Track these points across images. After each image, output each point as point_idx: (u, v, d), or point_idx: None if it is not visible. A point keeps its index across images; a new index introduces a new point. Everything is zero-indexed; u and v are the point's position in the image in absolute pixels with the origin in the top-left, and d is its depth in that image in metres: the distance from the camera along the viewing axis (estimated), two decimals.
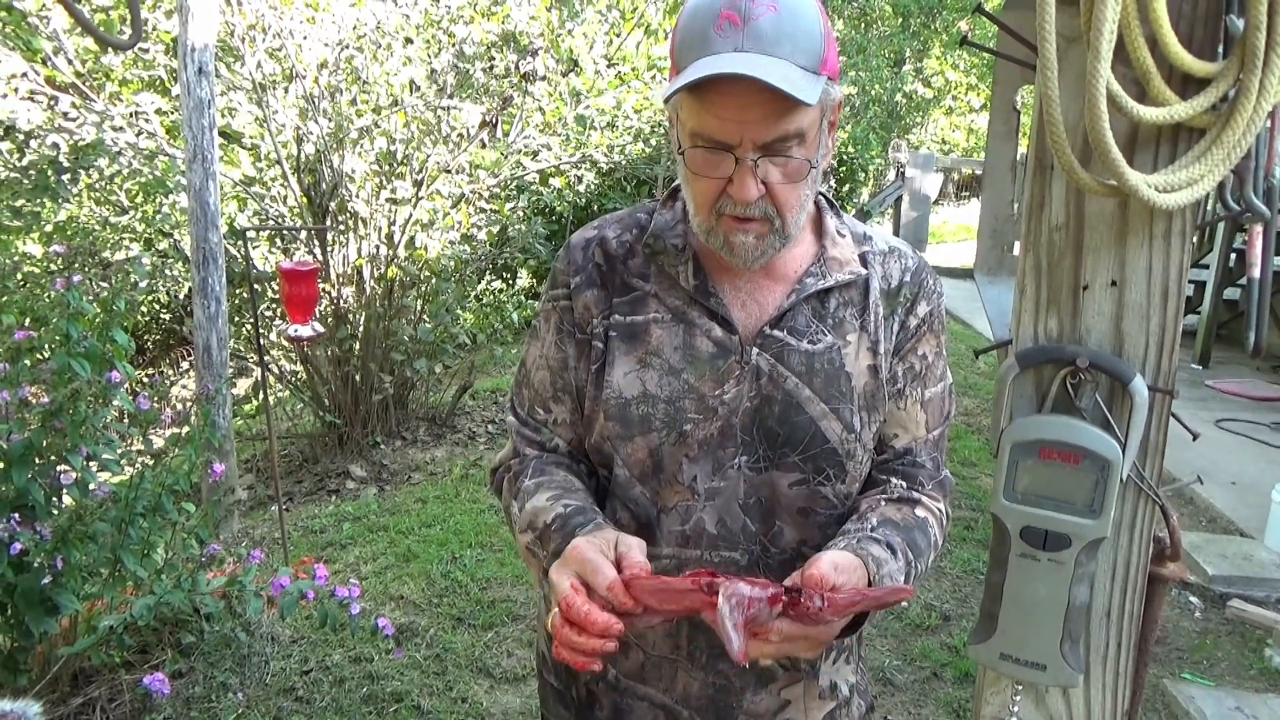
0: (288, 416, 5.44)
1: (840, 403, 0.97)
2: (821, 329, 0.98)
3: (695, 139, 0.88)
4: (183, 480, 2.35)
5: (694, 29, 0.86)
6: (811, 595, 0.79)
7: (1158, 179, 0.84)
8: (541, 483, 1.01)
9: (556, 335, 1.05)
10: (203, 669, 2.60)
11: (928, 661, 2.91)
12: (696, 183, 0.91)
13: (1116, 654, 0.98)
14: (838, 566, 0.84)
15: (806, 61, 0.84)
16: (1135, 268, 0.92)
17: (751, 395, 0.97)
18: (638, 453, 0.98)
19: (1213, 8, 0.85)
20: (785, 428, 0.96)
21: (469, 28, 4.83)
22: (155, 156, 4.68)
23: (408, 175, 4.85)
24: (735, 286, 1.00)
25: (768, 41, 0.82)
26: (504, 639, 2.98)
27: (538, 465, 1.04)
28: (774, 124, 0.84)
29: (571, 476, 1.03)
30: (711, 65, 0.82)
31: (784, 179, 0.88)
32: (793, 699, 1.05)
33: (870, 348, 0.99)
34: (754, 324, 0.98)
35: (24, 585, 2.07)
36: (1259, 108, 0.81)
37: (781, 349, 0.97)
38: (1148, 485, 0.94)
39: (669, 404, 0.97)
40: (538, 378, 1.07)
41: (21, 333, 2.34)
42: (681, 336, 0.98)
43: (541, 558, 0.95)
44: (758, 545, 0.98)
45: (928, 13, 15.45)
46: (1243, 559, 3.51)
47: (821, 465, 0.97)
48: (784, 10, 0.83)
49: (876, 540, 0.92)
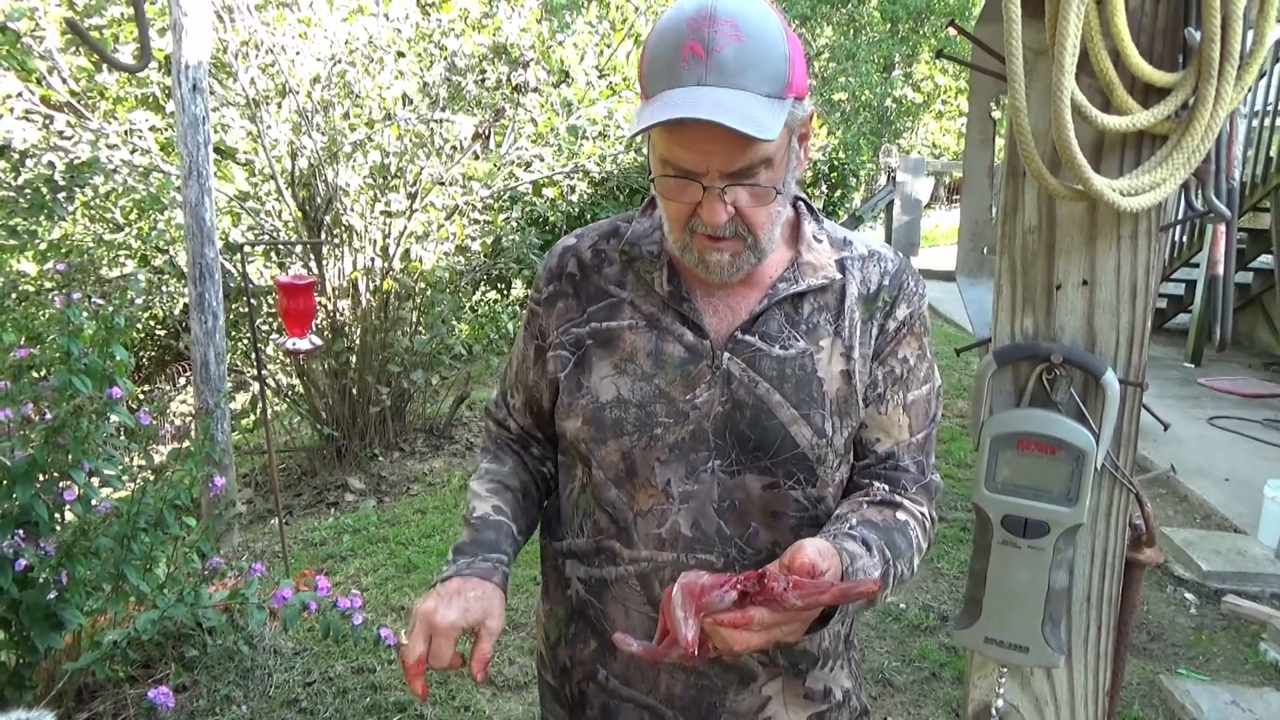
0: (286, 430, 5.46)
1: (811, 408, 0.98)
2: (794, 334, 1.00)
3: (665, 166, 0.91)
4: (184, 495, 2.36)
5: (660, 58, 0.87)
6: (776, 577, 0.80)
7: (1122, 183, 0.88)
8: (489, 469, 1.14)
9: (525, 333, 1.13)
10: (206, 682, 2.61)
11: (926, 662, 2.94)
12: (669, 205, 0.94)
13: (1097, 636, 1.02)
14: (821, 552, 0.86)
15: (771, 88, 0.86)
16: (1105, 268, 0.96)
17: (723, 400, 0.98)
18: (610, 455, 1.01)
19: (1172, 21, 0.89)
20: (756, 432, 0.98)
21: (460, 41, 4.87)
22: (150, 173, 4.71)
23: (401, 188, 4.89)
24: (709, 292, 1.02)
25: (731, 73, 0.84)
26: (505, 647, 3.00)
27: (494, 450, 1.18)
28: (739, 154, 0.87)
29: (518, 468, 1.15)
30: (675, 101, 0.84)
31: (752, 202, 0.91)
32: (773, 695, 1.06)
33: (844, 353, 1.00)
34: (726, 329, 1.00)
35: (29, 601, 2.09)
36: (1216, 114, 0.85)
37: (753, 354, 0.99)
38: (1121, 474, 0.97)
39: (640, 408, 0.99)
40: (510, 370, 1.17)
41: (23, 350, 2.37)
42: (654, 342, 1.01)
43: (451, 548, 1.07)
44: (733, 548, 1.00)
45: (916, 18, 15.58)
46: (1236, 554, 3.55)
47: (792, 470, 0.99)
48: (747, 38, 0.85)
49: (852, 537, 0.93)
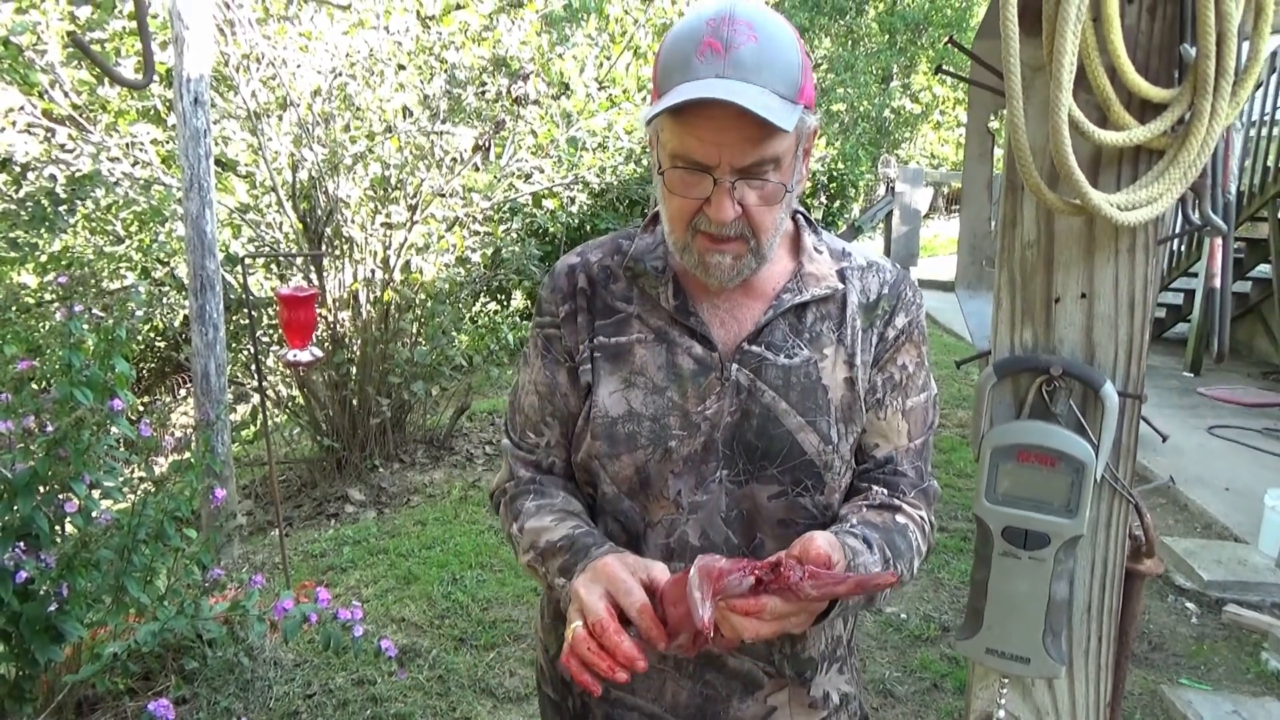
0: (286, 442, 5.46)
1: (817, 415, 0.99)
2: (798, 343, 1.01)
3: (675, 160, 0.91)
4: (184, 506, 2.36)
5: (677, 54, 0.89)
6: (792, 566, 0.79)
7: (1120, 198, 0.89)
8: (542, 505, 1.04)
9: (543, 361, 1.08)
10: (206, 695, 2.61)
11: (928, 673, 2.93)
12: (673, 201, 0.94)
13: (1098, 647, 1.02)
14: (830, 544, 0.86)
15: (785, 90, 0.87)
16: (1103, 281, 0.97)
17: (732, 410, 0.99)
18: (625, 470, 1.01)
19: (1167, 37, 0.90)
20: (763, 441, 0.99)
21: (460, 53, 4.90)
22: (151, 186, 4.73)
23: (402, 200, 4.90)
24: (714, 305, 1.03)
25: (748, 69, 0.86)
26: (506, 659, 3.00)
27: (537, 487, 1.07)
28: (752, 148, 0.88)
29: (570, 498, 1.06)
30: (694, 90, 0.85)
31: (760, 201, 0.92)
32: (779, 705, 1.07)
33: (847, 361, 1.01)
34: (733, 340, 1.01)
35: (29, 613, 2.08)
36: (1212, 129, 0.86)
37: (759, 364, 1.00)
38: (1121, 485, 0.98)
39: (654, 421, 1.00)
40: (528, 403, 1.10)
41: (24, 363, 2.37)
42: (664, 355, 1.01)
43: (542, 573, 0.98)
44: (740, 557, 1.01)
45: (914, 30, 15.66)
46: (1237, 564, 3.55)
47: (800, 477, 0.99)
48: (764, 41, 0.87)
49: (854, 535, 0.94)
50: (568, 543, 0.96)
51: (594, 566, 0.89)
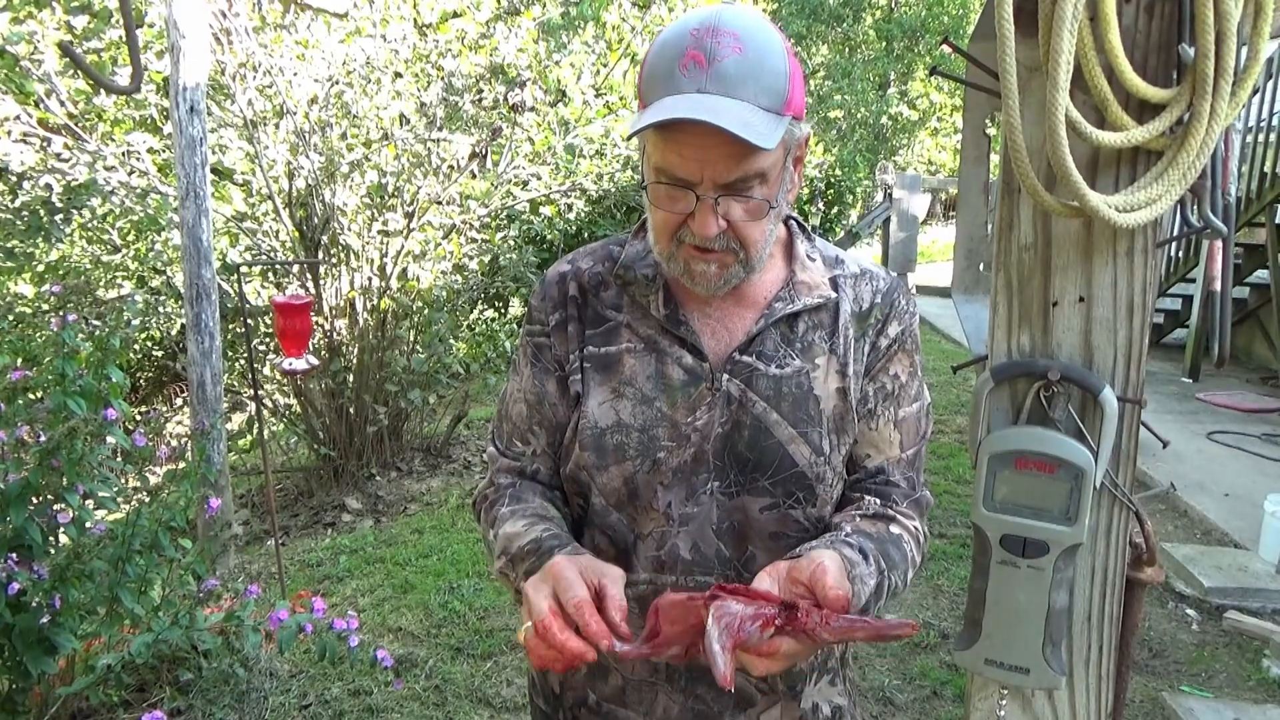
0: (282, 450, 5.44)
1: (808, 426, 0.98)
2: (790, 353, 0.99)
3: (659, 174, 0.90)
4: (179, 516, 2.35)
5: (661, 65, 0.87)
6: (810, 611, 0.78)
7: (1118, 200, 0.88)
8: (516, 510, 1.02)
9: (533, 370, 1.06)
10: (201, 706, 2.58)
11: (927, 680, 2.91)
12: (657, 214, 0.93)
13: (1098, 657, 1.01)
14: (840, 576, 0.83)
15: (770, 102, 0.85)
16: (1101, 284, 0.96)
17: (723, 421, 0.98)
18: (613, 481, 1.00)
19: (1165, 37, 0.89)
20: (755, 452, 0.97)
21: (457, 61, 4.91)
22: (147, 195, 4.72)
23: (399, 207, 4.90)
24: (705, 314, 1.01)
25: (731, 83, 0.84)
26: (503, 668, 2.98)
27: (513, 493, 1.06)
28: (734, 165, 0.86)
29: (546, 504, 1.04)
30: (674, 105, 0.83)
31: (745, 216, 0.90)
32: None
33: (839, 370, 1.00)
34: (724, 350, 1.00)
35: (22, 625, 2.06)
36: (1211, 130, 0.85)
37: (750, 374, 0.98)
38: (1121, 492, 0.97)
39: (642, 432, 0.98)
40: (515, 411, 1.09)
41: (18, 372, 2.36)
42: (654, 365, 1.00)
43: (512, 579, 0.96)
44: (731, 570, 0.99)
45: (911, 36, 15.69)
46: (1238, 570, 3.54)
47: (791, 489, 0.98)
48: (749, 51, 0.85)
49: (849, 544, 0.92)
50: (534, 546, 0.94)
51: (545, 567, 0.88)
